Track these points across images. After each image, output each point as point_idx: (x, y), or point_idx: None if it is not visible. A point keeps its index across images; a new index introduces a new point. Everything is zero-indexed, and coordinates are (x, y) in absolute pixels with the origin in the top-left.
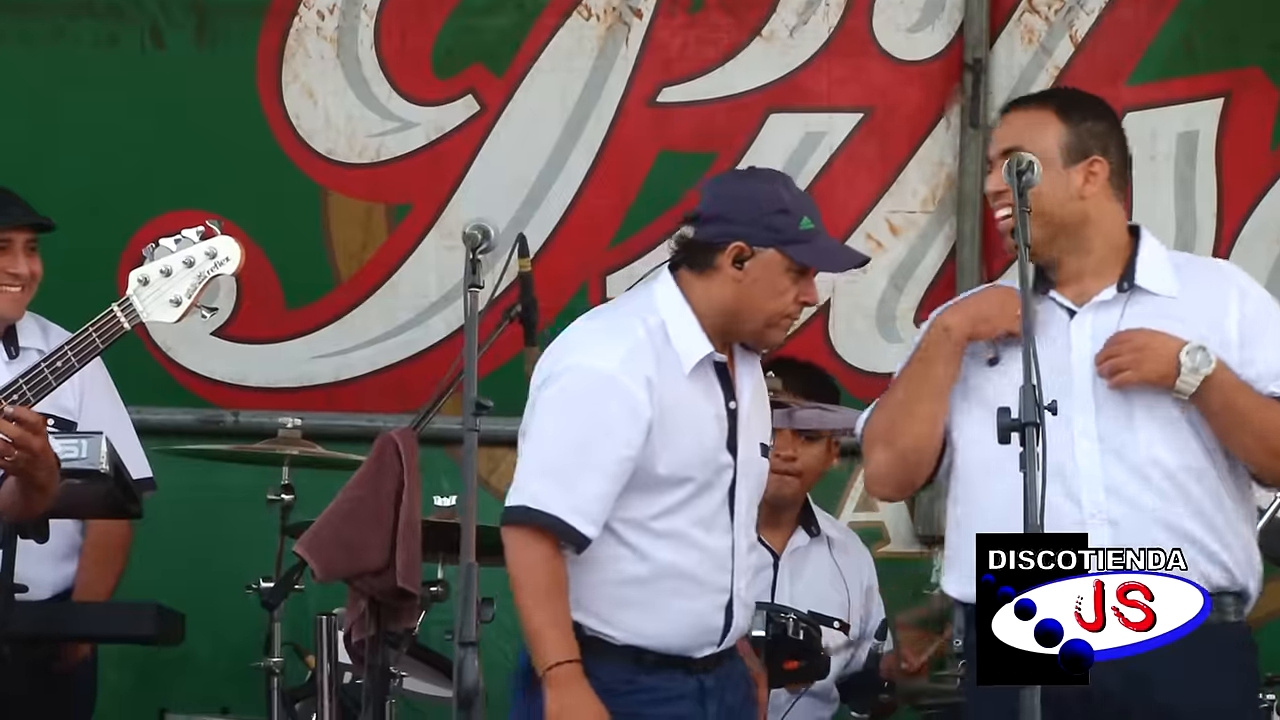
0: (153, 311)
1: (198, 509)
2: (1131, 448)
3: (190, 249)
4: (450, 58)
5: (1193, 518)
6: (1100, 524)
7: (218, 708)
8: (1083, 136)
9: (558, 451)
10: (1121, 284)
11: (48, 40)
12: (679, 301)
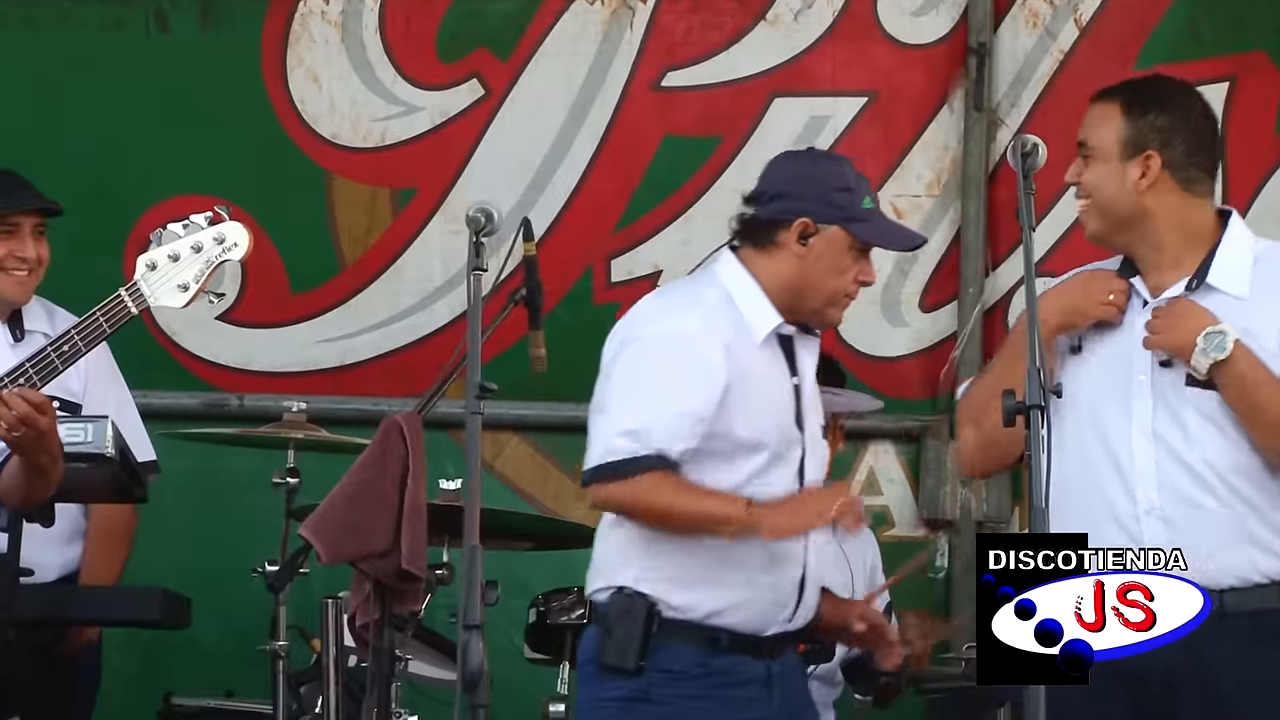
0: (160, 297)
1: (203, 493)
2: (1184, 446)
3: (198, 234)
4: (455, 42)
5: (1248, 514)
6: (1154, 520)
7: (223, 691)
8: (1142, 130)
9: (638, 402)
10: (1192, 281)
11: (53, 24)
12: (745, 277)
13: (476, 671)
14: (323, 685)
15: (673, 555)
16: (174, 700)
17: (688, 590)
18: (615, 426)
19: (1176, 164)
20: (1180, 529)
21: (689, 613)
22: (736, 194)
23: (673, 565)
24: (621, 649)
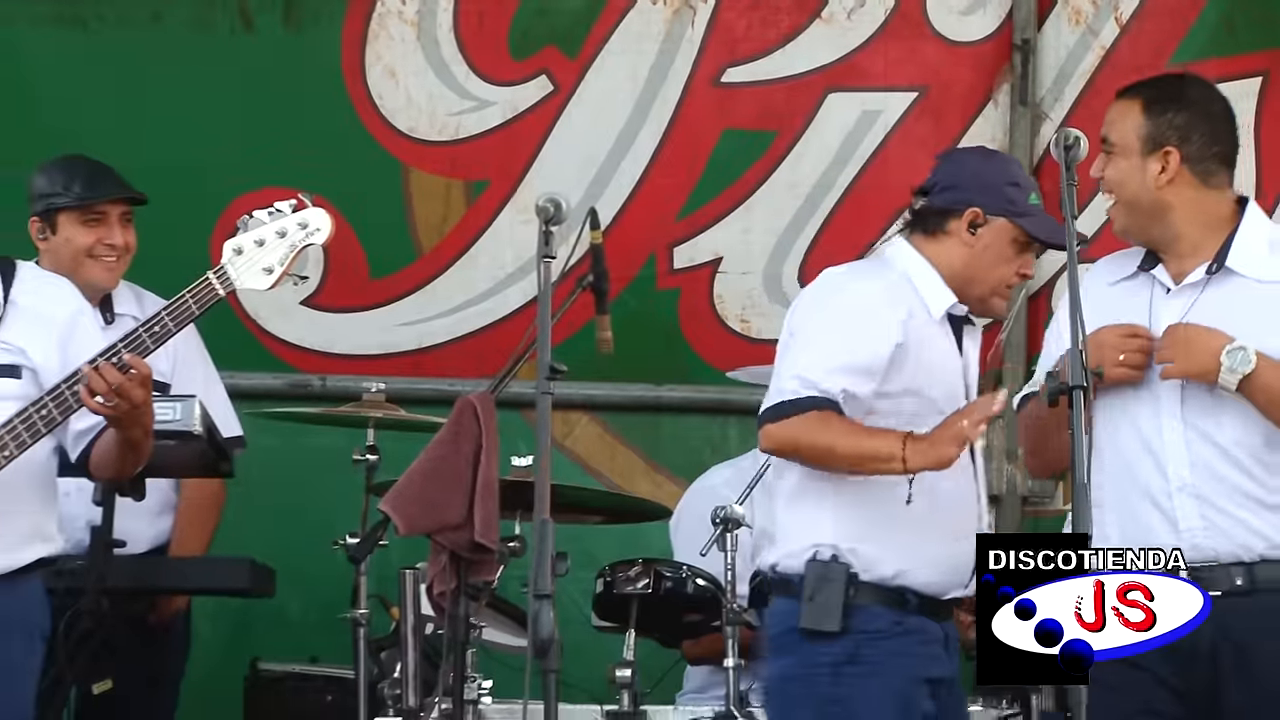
0: (246, 279)
1: (287, 469)
2: (1215, 427)
3: (282, 220)
4: (525, 40)
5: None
6: (1186, 496)
7: (307, 657)
8: (1161, 128)
9: (808, 350)
10: (1211, 265)
11: (143, 24)
12: (920, 259)
13: (547, 639)
14: (401, 651)
15: (862, 520)
16: (260, 665)
17: (879, 553)
18: (787, 372)
19: (1194, 158)
20: (1211, 504)
21: (881, 575)
22: (792, 185)
23: (863, 530)
24: (824, 613)
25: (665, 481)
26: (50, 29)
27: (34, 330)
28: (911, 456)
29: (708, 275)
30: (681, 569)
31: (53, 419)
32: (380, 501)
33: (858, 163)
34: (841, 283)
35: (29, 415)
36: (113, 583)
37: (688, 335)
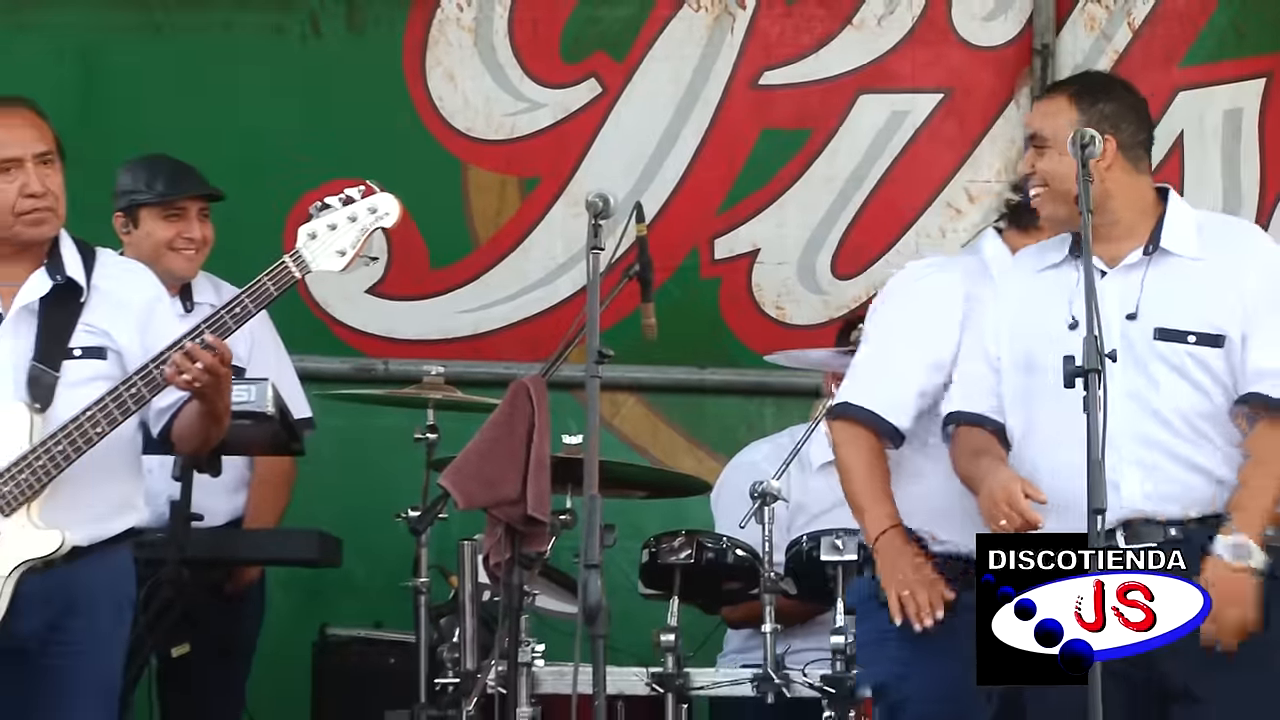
0: (320, 262)
1: (353, 447)
2: (1156, 398)
3: (353, 206)
4: (576, 45)
5: (1210, 455)
6: (1131, 466)
7: (372, 622)
8: (1092, 119)
9: (872, 352)
10: (1148, 247)
11: (219, 30)
12: (1005, 252)
13: (596, 606)
14: (460, 617)
15: (934, 497)
16: (329, 630)
17: (950, 529)
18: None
19: (1126, 145)
20: (1153, 469)
21: (952, 549)
22: (826, 181)
23: (936, 506)
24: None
25: (706, 458)
26: (131, 37)
27: (116, 314)
28: (879, 548)
29: (746, 265)
30: (721, 540)
31: (141, 396)
32: (440, 477)
33: (887, 160)
34: (918, 270)
35: (119, 394)
36: (191, 554)
37: (728, 321)
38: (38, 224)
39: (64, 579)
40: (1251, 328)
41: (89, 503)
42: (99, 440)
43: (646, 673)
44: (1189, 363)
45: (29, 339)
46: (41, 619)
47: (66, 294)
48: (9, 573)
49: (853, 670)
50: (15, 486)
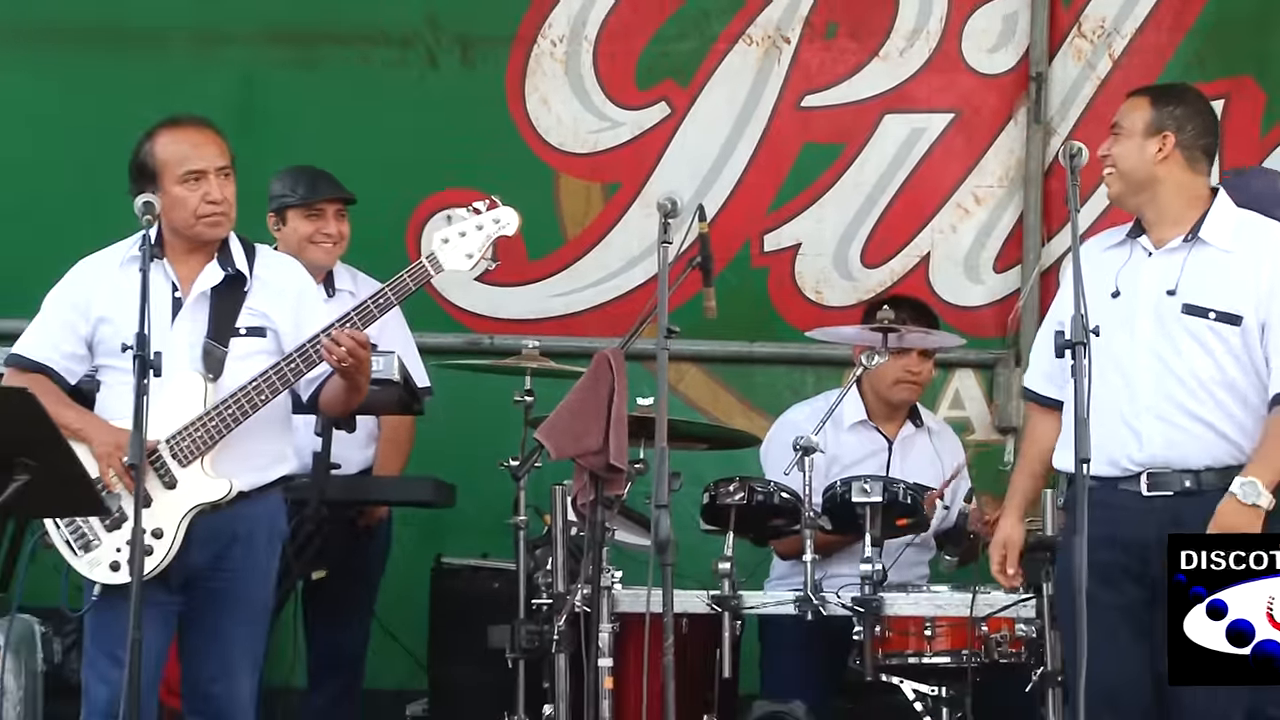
0: (451, 263)
1: (464, 408)
2: (1178, 362)
3: (480, 216)
4: (648, 74)
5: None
6: (1150, 418)
7: (479, 553)
8: (1163, 117)
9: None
10: (1189, 235)
11: (355, 64)
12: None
13: (665, 539)
14: (552, 549)
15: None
16: (443, 560)
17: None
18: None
19: (1186, 145)
20: (1171, 423)
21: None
22: (856, 186)
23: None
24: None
25: (756, 417)
26: (286, 69)
27: (274, 299)
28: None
29: (790, 257)
30: (769, 485)
31: (299, 370)
32: (535, 432)
33: (907, 169)
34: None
35: (280, 367)
36: (330, 496)
37: (774, 303)
38: (215, 226)
39: (229, 518)
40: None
41: (251, 455)
42: (262, 406)
43: (707, 595)
44: (1209, 335)
45: (203, 320)
46: (210, 552)
47: (234, 283)
48: (185, 514)
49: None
50: (192, 442)
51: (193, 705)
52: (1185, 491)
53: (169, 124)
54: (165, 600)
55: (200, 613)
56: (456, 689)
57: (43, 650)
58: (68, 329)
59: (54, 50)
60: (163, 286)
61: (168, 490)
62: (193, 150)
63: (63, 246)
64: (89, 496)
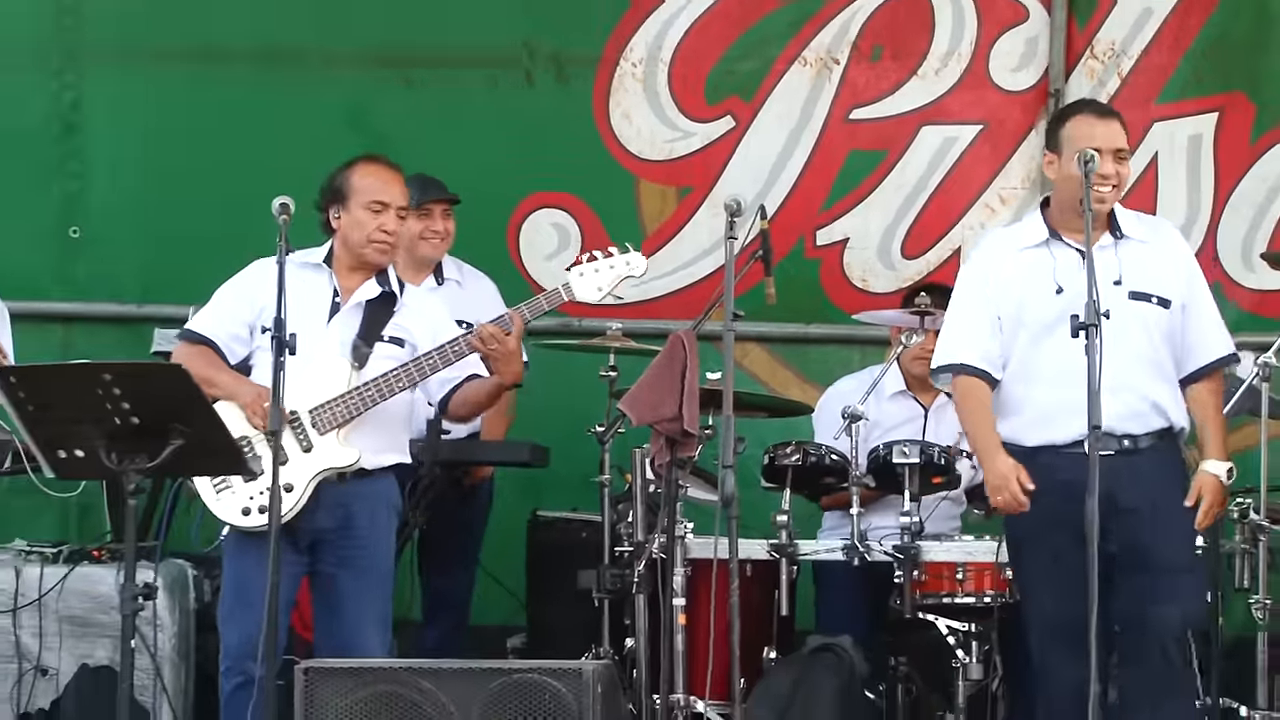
0: (581, 293)
1: (558, 381)
2: (1124, 343)
3: (613, 259)
4: (716, 91)
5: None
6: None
7: (570, 507)
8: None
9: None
10: (1114, 233)
11: (454, 83)
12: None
13: (730, 495)
14: (633, 503)
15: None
16: (539, 513)
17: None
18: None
19: None
20: (1116, 396)
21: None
22: (898, 188)
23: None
24: None
25: (809, 389)
26: (392, 89)
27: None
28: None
29: (840, 250)
30: (821, 448)
31: (435, 365)
32: (618, 403)
33: (941, 173)
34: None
35: (420, 361)
36: (442, 458)
37: (826, 290)
38: (381, 253)
39: (350, 492)
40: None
41: (376, 440)
42: (399, 392)
43: (767, 543)
44: (1151, 320)
45: (355, 324)
46: (335, 518)
47: (386, 300)
48: (315, 475)
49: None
50: (331, 415)
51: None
52: (1124, 450)
53: (368, 159)
54: (294, 559)
55: (333, 578)
56: (550, 625)
57: (194, 590)
58: (235, 315)
59: (204, 72)
60: (325, 290)
61: (303, 453)
62: (383, 186)
63: (211, 244)
64: (234, 459)
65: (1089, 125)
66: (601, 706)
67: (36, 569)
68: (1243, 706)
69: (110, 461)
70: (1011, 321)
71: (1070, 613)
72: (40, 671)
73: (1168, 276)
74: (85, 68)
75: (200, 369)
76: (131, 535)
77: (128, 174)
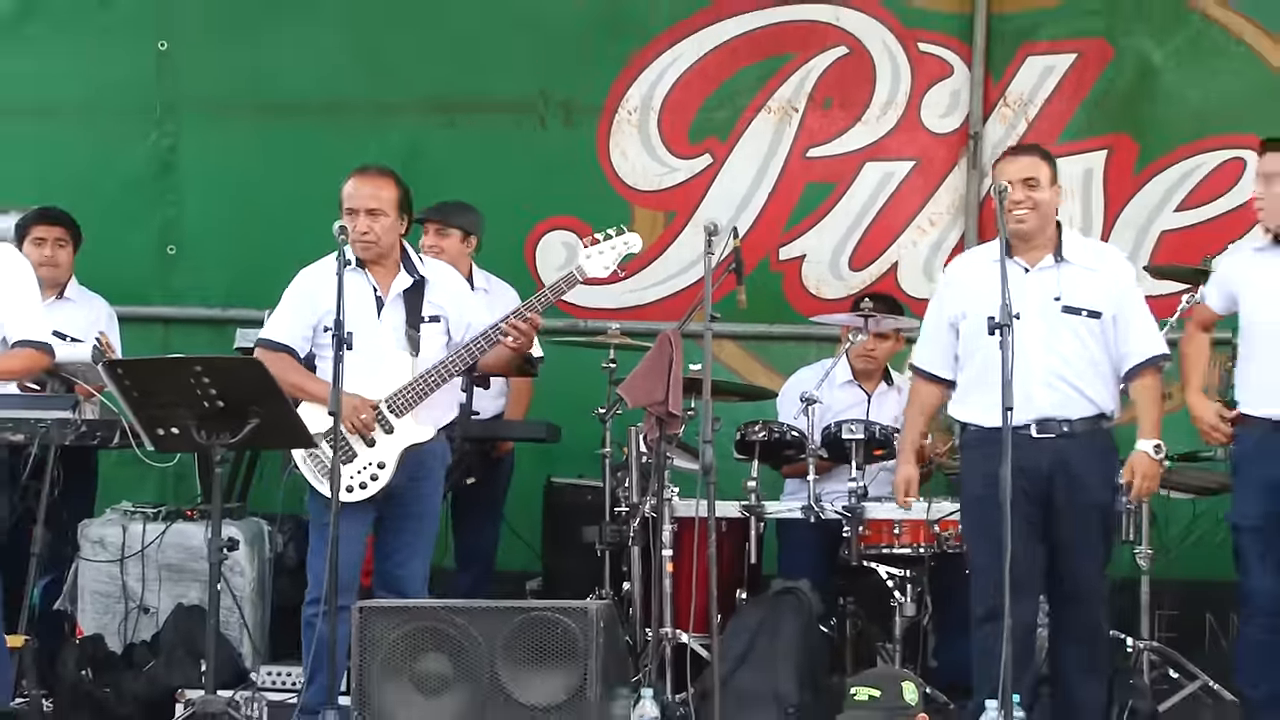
0: (594, 271)
1: (567, 371)
2: (1059, 347)
3: (614, 239)
4: (698, 133)
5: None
6: (1041, 386)
7: (577, 474)
8: (1054, 172)
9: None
10: (1057, 256)
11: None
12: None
13: (709, 465)
14: (628, 471)
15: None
16: (552, 479)
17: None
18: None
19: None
20: (1054, 389)
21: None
22: (845, 214)
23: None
24: None
25: (774, 377)
26: (434, 129)
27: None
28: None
29: (799, 264)
30: (784, 426)
31: (483, 348)
32: (617, 389)
33: (881, 201)
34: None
35: (469, 347)
36: (470, 434)
37: (787, 297)
38: (364, 251)
39: (420, 453)
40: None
41: (435, 409)
42: (456, 375)
43: (739, 504)
44: (1081, 328)
45: (401, 313)
46: (405, 476)
47: (419, 285)
48: (401, 451)
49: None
50: (404, 400)
51: (382, 582)
52: (1063, 434)
53: (354, 171)
54: (369, 510)
55: (398, 522)
56: (562, 572)
57: (269, 543)
58: (302, 320)
59: (278, 120)
60: (366, 289)
61: (387, 435)
62: (351, 193)
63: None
64: (301, 435)
65: (1004, 164)
66: (603, 638)
67: (140, 526)
68: (1129, 638)
69: (200, 437)
70: (966, 325)
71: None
72: (143, 610)
73: (1101, 294)
74: (181, 118)
75: (290, 377)
76: (218, 497)
77: (214, 203)
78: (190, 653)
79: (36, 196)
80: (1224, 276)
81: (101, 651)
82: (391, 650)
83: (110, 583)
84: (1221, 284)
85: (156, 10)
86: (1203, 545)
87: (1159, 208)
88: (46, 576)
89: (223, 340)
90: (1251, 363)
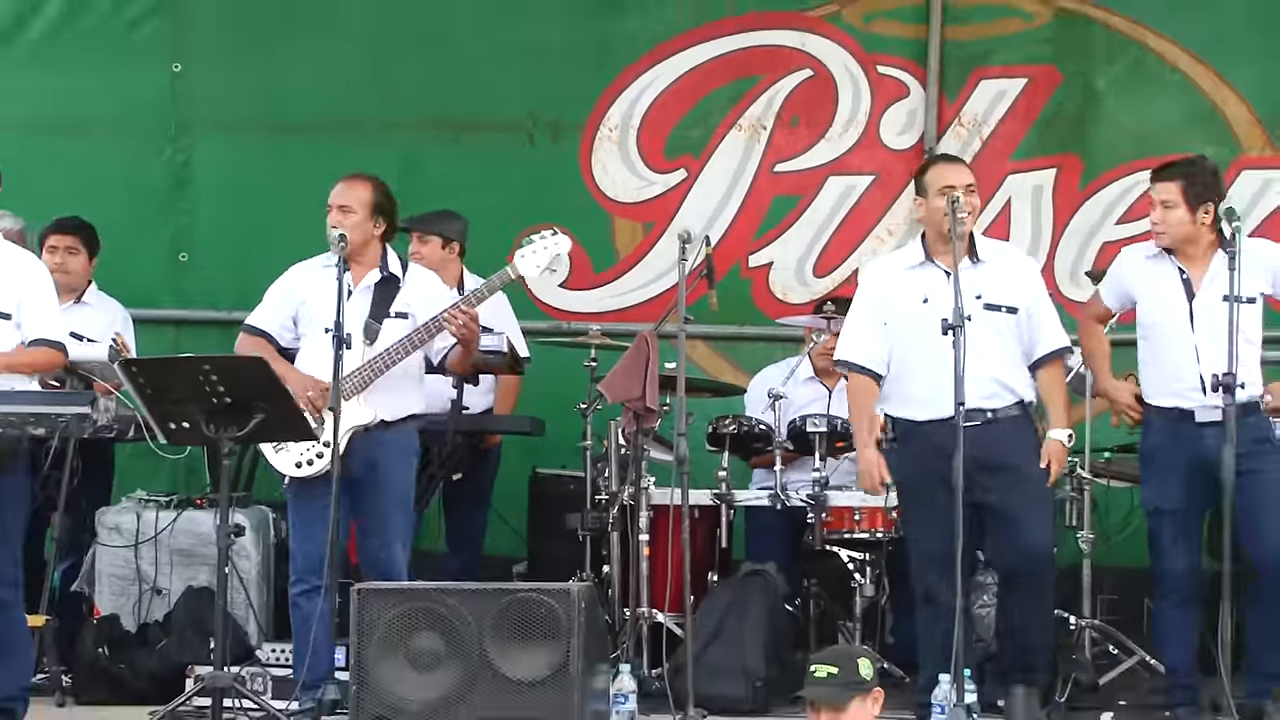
0: (525, 270)
1: (551, 370)
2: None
3: (545, 239)
4: (674, 149)
5: (1014, 375)
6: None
7: (560, 465)
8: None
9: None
10: (974, 259)
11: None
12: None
13: (683, 456)
14: (608, 461)
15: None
16: (537, 470)
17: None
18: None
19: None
20: (978, 381)
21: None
22: (810, 225)
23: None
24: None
25: (743, 375)
26: (432, 146)
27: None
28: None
29: (766, 271)
30: (752, 420)
31: (426, 336)
32: (598, 386)
33: (843, 212)
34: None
35: (418, 333)
36: (461, 428)
37: (755, 301)
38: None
39: (376, 440)
40: (1035, 318)
41: (392, 397)
42: (402, 360)
43: (711, 493)
44: (1000, 324)
45: (366, 305)
46: (364, 461)
47: (390, 282)
48: (349, 430)
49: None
50: (353, 384)
51: (367, 564)
52: (987, 421)
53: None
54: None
55: (367, 505)
56: (546, 556)
57: (273, 530)
58: (281, 309)
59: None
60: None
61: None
62: (333, 194)
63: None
64: (303, 428)
65: (944, 170)
66: (584, 618)
67: (153, 513)
68: (1072, 617)
69: (209, 431)
70: (892, 326)
71: (943, 546)
72: (155, 591)
73: (1014, 290)
74: (194, 135)
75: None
76: (225, 487)
77: (224, 214)
78: (200, 632)
79: (59, 207)
80: (1121, 279)
81: (117, 631)
82: (388, 629)
83: (125, 566)
84: (1118, 285)
85: (172, 35)
86: (1140, 533)
87: (1101, 220)
88: (66, 561)
89: (230, 341)
90: (1153, 358)
